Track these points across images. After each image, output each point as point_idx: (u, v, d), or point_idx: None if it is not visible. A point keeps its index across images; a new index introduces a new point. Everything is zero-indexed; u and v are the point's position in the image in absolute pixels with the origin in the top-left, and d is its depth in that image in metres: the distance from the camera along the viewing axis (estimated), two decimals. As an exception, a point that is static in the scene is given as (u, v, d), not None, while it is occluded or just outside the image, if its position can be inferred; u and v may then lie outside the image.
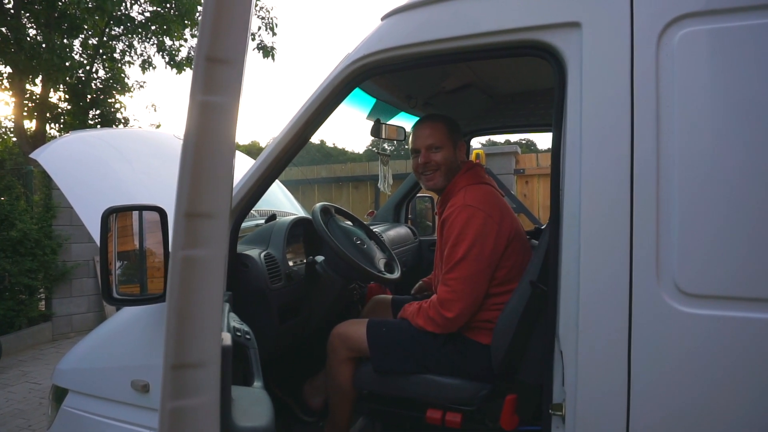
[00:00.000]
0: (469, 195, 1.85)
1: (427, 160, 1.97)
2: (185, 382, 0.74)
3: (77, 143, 2.41)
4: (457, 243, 1.77)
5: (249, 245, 2.02)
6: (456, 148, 1.99)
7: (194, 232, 0.73)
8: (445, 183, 1.98)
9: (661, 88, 1.14)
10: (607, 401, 1.17)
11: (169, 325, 0.73)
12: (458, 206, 1.82)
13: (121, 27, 8.42)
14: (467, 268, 1.75)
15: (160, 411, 0.74)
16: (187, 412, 0.75)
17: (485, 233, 1.77)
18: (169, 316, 0.73)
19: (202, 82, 0.72)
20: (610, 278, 1.17)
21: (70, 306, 6.04)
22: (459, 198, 1.86)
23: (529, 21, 1.28)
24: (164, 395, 0.73)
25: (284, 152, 1.60)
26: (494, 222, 1.79)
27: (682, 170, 1.12)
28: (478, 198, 1.84)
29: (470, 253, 1.75)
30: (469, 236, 1.76)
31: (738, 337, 1.09)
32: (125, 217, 1.61)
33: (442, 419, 1.75)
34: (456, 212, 1.81)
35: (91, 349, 1.87)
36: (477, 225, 1.76)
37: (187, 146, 0.73)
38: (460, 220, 1.79)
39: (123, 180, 2.36)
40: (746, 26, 1.09)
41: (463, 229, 1.77)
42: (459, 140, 2.02)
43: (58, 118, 8.71)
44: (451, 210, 1.84)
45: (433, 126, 1.99)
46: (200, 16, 0.71)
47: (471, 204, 1.81)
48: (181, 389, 0.74)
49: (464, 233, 1.76)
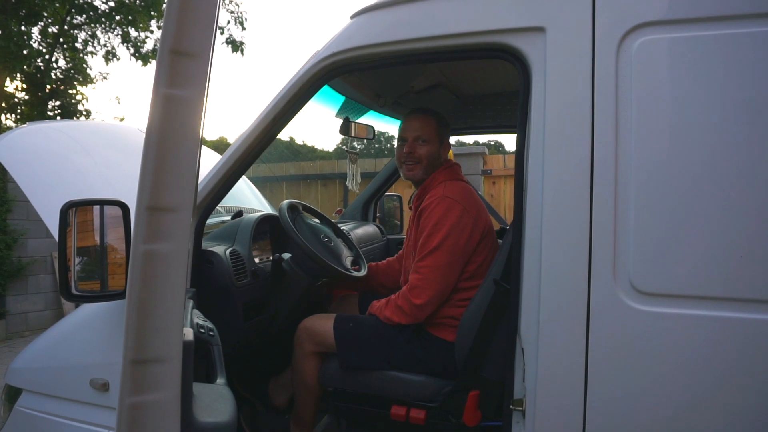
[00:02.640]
0: (448, 188, 1.90)
1: (411, 150, 2.01)
2: (145, 378, 0.73)
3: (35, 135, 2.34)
4: (433, 232, 1.81)
5: (214, 241, 2.00)
6: (441, 145, 2.04)
7: (156, 226, 0.72)
8: (423, 176, 2.03)
9: (620, 94, 1.18)
10: (565, 397, 1.21)
11: (130, 319, 0.71)
12: (438, 197, 1.86)
13: (83, 16, 8.15)
14: (440, 258, 1.79)
15: (118, 406, 0.72)
16: (146, 408, 0.74)
17: (461, 226, 1.81)
18: (129, 310, 0.72)
19: (167, 75, 0.71)
20: (569, 277, 1.20)
21: (26, 303, 5.83)
22: (438, 190, 1.90)
23: (496, 24, 1.31)
24: (123, 390, 0.72)
25: (251, 148, 1.59)
26: (470, 216, 1.84)
27: (639, 174, 1.16)
28: (456, 192, 1.88)
29: (445, 243, 1.79)
30: (446, 227, 1.80)
31: (691, 334, 1.13)
32: (86, 212, 1.57)
33: (407, 416, 1.77)
34: (435, 203, 1.85)
35: (47, 347, 1.82)
36: (454, 217, 1.81)
37: (150, 139, 0.71)
38: (438, 210, 1.83)
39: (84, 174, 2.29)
40: (703, 36, 1.14)
41: (441, 219, 1.81)
42: (446, 139, 2.07)
43: (14, 109, 8.37)
44: (431, 200, 1.88)
45: (425, 119, 2.03)
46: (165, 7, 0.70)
47: (450, 196, 1.85)
48: (141, 384, 0.73)
49: (441, 223, 1.81)
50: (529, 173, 1.27)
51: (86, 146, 2.51)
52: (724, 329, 1.12)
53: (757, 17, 1.11)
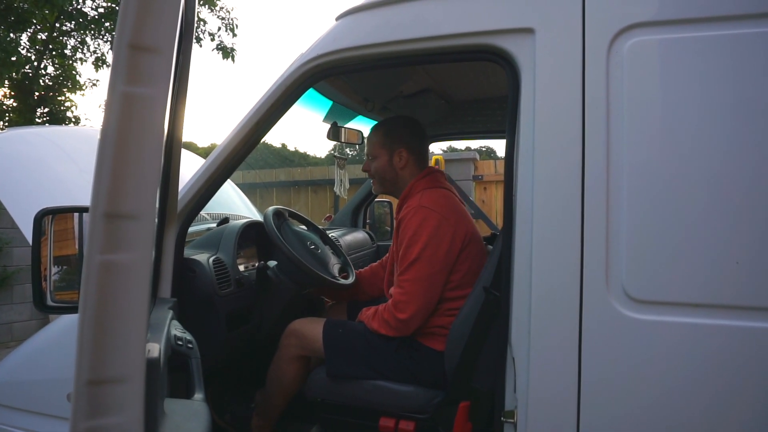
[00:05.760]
0: (425, 197, 1.85)
1: (366, 168, 2.06)
2: (103, 400, 0.68)
3: (15, 141, 2.28)
4: (411, 244, 1.76)
5: (197, 249, 1.95)
6: (392, 156, 1.98)
7: (114, 234, 0.67)
8: (383, 190, 2.07)
9: (611, 96, 1.15)
10: (557, 408, 1.17)
11: (83, 337, 0.66)
12: (413, 207, 1.82)
13: (72, 22, 8.08)
14: (421, 270, 1.74)
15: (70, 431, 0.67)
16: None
17: (440, 235, 1.76)
18: (82, 327, 0.67)
19: (124, 71, 0.66)
20: (560, 284, 1.17)
21: (11, 313, 5.71)
22: (415, 200, 1.86)
23: (484, 25, 1.28)
24: (76, 414, 0.67)
25: (234, 153, 1.55)
26: (449, 224, 1.79)
27: (631, 178, 1.14)
28: (433, 200, 1.84)
29: (423, 254, 1.74)
30: (423, 237, 1.75)
31: (686, 342, 1.10)
32: (65, 220, 1.52)
33: (396, 428, 1.72)
34: (411, 213, 1.81)
35: (23, 360, 1.76)
36: (431, 227, 1.76)
37: (106, 140, 0.66)
38: (414, 221, 1.78)
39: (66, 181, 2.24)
40: (693, 38, 1.12)
41: (418, 230, 1.77)
42: (398, 147, 1.98)
43: (2, 116, 8.29)
44: (407, 211, 1.84)
45: (371, 135, 2.05)
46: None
47: (426, 206, 1.81)
48: (98, 407, 0.68)
49: (418, 234, 1.76)
50: (519, 178, 1.24)
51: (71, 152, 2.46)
52: (719, 337, 1.09)
53: (750, 18, 1.09)
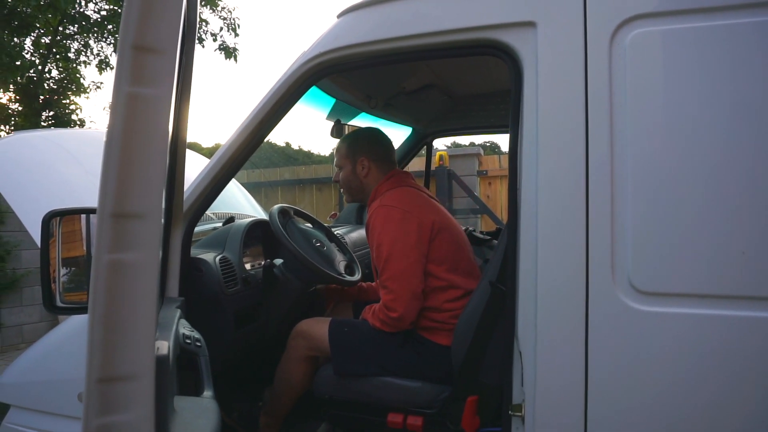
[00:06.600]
0: (386, 197, 1.89)
1: (335, 179, 2.13)
2: (114, 397, 0.69)
3: (21, 144, 2.30)
4: (381, 243, 1.80)
5: (204, 249, 1.96)
6: (355, 165, 2.03)
7: (122, 234, 0.67)
8: (352, 199, 2.13)
9: (614, 88, 1.15)
10: (565, 401, 1.17)
11: (94, 335, 0.67)
12: (374, 209, 1.87)
13: (75, 26, 8.10)
14: (397, 266, 1.76)
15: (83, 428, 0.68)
16: (115, 429, 0.70)
17: (405, 228, 1.79)
18: (92, 325, 0.68)
19: (128, 72, 0.67)
20: (566, 278, 1.17)
21: (21, 315, 5.77)
22: (376, 203, 1.90)
23: (485, 20, 1.28)
24: (89, 411, 0.68)
25: (239, 152, 1.56)
26: (413, 216, 1.81)
27: (635, 170, 1.13)
28: (395, 198, 1.88)
29: (394, 249, 1.77)
30: (389, 233, 1.79)
31: (691, 333, 1.10)
32: (73, 222, 1.53)
33: (404, 423, 1.73)
34: (374, 215, 1.85)
35: (35, 361, 1.78)
36: (395, 221, 1.80)
37: (112, 140, 0.67)
38: (378, 221, 1.82)
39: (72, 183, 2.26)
40: (696, 28, 1.11)
41: (383, 228, 1.80)
42: (359, 156, 2.02)
43: (8, 120, 8.33)
44: (370, 213, 1.88)
45: (337, 147, 2.10)
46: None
47: (386, 204, 1.85)
48: (109, 404, 0.68)
49: (384, 232, 1.80)
50: (523, 172, 1.24)
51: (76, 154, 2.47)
52: (725, 328, 1.08)
53: (753, 7, 1.08)
